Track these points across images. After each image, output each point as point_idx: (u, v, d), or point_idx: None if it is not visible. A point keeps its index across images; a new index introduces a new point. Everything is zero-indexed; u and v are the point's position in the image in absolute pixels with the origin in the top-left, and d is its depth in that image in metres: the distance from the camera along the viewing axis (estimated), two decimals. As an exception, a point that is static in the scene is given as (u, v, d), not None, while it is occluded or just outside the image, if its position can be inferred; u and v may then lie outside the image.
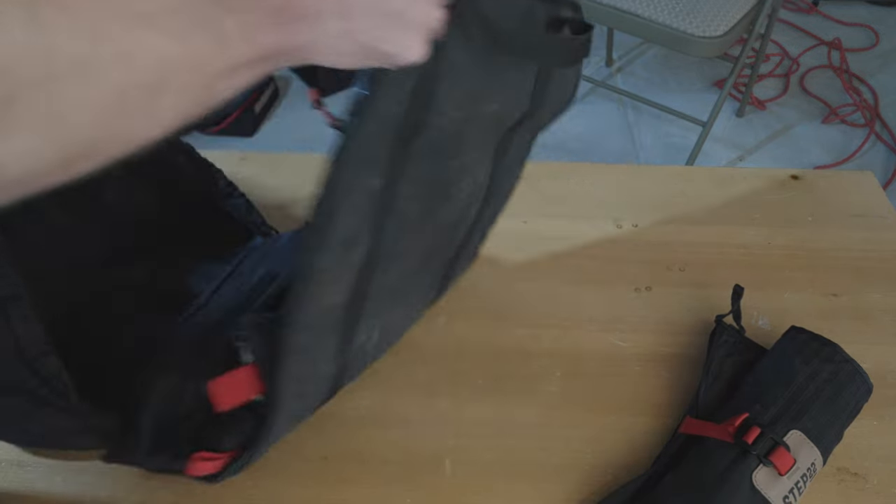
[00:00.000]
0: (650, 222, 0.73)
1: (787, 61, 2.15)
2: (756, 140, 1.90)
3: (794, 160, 1.83)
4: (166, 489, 0.53)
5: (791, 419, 0.52)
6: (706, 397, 0.57)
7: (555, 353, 0.62)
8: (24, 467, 0.54)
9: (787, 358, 0.56)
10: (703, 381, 0.57)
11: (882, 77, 2.09)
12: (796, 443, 0.51)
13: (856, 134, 1.91)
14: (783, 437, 0.51)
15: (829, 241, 0.70)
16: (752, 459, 0.50)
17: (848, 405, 0.54)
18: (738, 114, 1.97)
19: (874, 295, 0.66)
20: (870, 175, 0.79)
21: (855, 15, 2.33)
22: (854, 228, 0.73)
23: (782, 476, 0.50)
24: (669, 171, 0.81)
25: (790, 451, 0.50)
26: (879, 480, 0.53)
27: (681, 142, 1.87)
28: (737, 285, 0.61)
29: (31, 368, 0.43)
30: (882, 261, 0.69)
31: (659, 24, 1.47)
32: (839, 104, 1.99)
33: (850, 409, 0.54)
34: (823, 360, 0.55)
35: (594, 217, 0.74)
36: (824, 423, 0.52)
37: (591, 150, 1.86)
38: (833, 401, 0.53)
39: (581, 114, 1.98)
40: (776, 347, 0.58)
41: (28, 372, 0.43)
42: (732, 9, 1.48)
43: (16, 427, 0.48)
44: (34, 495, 0.53)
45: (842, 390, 0.54)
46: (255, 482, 0.54)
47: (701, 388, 0.57)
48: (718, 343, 0.60)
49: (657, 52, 2.20)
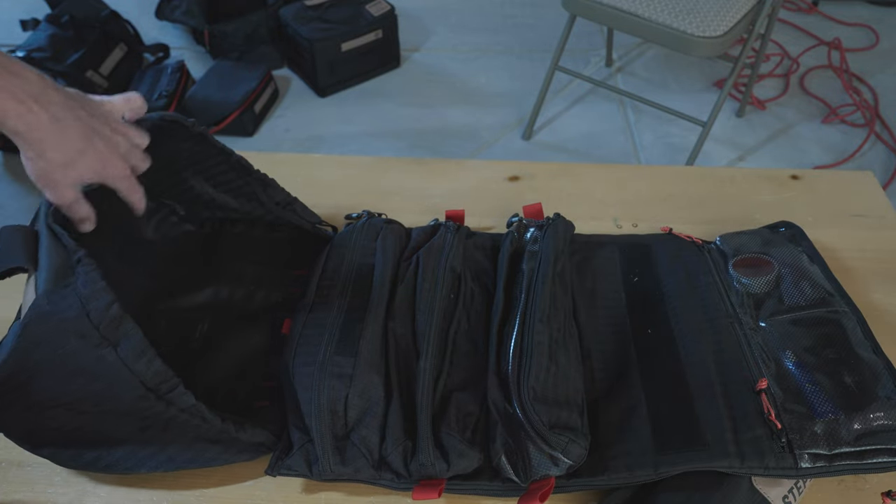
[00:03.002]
0: (650, 222, 0.73)
1: (787, 61, 2.15)
2: (756, 140, 1.90)
3: (794, 160, 1.83)
4: (166, 489, 0.53)
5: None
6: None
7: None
8: (24, 467, 0.54)
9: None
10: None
11: (882, 77, 2.09)
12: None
13: (856, 134, 1.90)
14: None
15: (829, 241, 0.70)
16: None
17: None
18: (738, 114, 1.96)
19: (874, 295, 0.66)
20: (870, 175, 0.79)
21: (855, 15, 2.33)
22: (854, 228, 0.73)
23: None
24: (669, 171, 0.81)
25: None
26: (879, 480, 0.53)
27: (681, 142, 1.87)
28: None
29: (166, 401, 0.46)
30: (882, 261, 0.69)
31: (659, 24, 1.47)
32: (839, 104, 1.99)
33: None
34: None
35: (594, 217, 0.74)
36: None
37: (591, 150, 1.85)
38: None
39: (581, 114, 1.98)
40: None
41: (164, 404, 0.46)
42: (732, 9, 1.48)
43: (163, 456, 0.51)
44: (34, 495, 0.53)
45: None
46: (255, 481, 0.54)
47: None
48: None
49: (657, 52, 2.20)
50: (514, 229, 0.66)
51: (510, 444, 0.51)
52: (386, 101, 2.05)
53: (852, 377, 0.52)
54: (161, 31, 2.25)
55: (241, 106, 1.88)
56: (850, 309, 0.59)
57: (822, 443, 0.49)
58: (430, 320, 0.56)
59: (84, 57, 1.87)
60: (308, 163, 0.82)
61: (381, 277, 0.59)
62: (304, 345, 0.55)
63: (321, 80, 2.01)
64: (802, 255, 0.64)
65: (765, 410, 0.51)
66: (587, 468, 0.51)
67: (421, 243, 0.64)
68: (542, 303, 0.56)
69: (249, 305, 0.65)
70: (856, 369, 0.53)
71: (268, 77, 1.98)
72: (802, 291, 0.59)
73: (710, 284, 0.63)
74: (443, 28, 2.34)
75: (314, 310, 0.59)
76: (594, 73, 2.10)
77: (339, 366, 0.52)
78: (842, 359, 0.54)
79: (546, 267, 0.59)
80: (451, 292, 0.59)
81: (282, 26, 2.04)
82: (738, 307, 0.60)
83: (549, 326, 0.54)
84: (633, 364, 0.58)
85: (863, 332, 0.57)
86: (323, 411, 0.50)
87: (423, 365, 0.54)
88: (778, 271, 0.61)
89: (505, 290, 0.60)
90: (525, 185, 0.79)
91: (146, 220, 0.61)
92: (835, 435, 0.50)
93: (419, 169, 0.81)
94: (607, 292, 0.64)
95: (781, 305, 0.59)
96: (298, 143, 1.91)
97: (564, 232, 0.64)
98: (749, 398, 0.53)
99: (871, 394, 0.51)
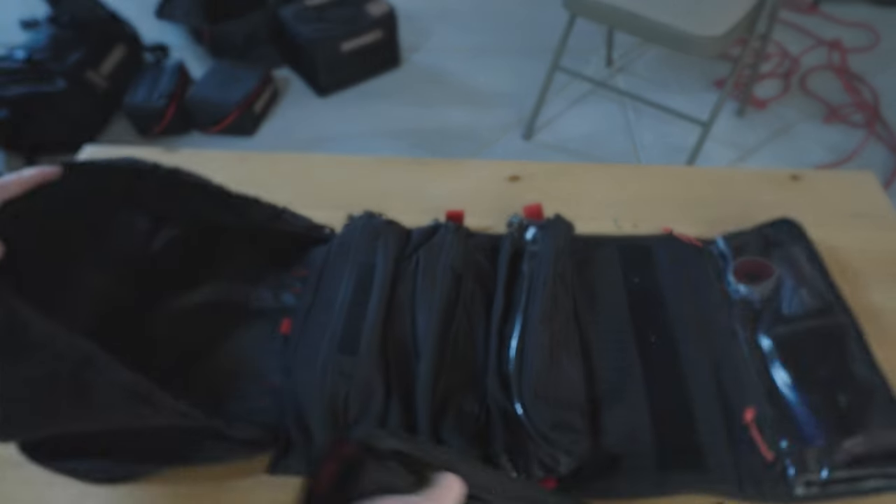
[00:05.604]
0: (650, 222, 0.73)
1: (788, 61, 2.15)
2: (756, 140, 1.90)
3: (795, 160, 1.83)
4: (166, 487, 0.53)
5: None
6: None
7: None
8: (24, 467, 0.54)
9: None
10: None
11: (882, 77, 2.09)
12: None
13: (856, 134, 1.90)
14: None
15: (829, 241, 0.70)
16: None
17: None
18: (738, 114, 1.96)
19: (874, 295, 0.66)
20: (870, 175, 0.79)
21: (855, 15, 2.33)
22: (854, 228, 0.73)
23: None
24: (669, 171, 0.81)
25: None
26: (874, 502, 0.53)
27: (681, 142, 1.87)
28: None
29: (151, 405, 0.45)
30: (882, 261, 0.69)
31: (659, 24, 1.47)
32: (839, 104, 1.99)
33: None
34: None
35: (594, 217, 0.74)
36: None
37: (591, 150, 1.86)
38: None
39: (581, 114, 1.98)
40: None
41: (152, 409, 0.45)
42: (732, 9, 1.48)
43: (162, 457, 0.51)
44: (34, 495, 0.53)
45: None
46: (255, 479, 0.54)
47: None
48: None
49: (657, 52, 2.20)
50: (513, 230, 0.66)
51: (511, 444, 0.51)
52: (386, 101, 2.05)
53: (846, 398, 0.52)
54: (161, 31, 2.25)
55: (241, 106, 1.88)
56: (848, 320, 0.58)
57: (816, 469, 0.50)
58: (430, 320, 0.56)
59: (84, 57, 1.87)
60: (308, 163, 0.82)
61: (381, 277, 0.60)
62: (305, 344, 0.55)
63: (321, 80, 2.01)
64: (802, 256, 0.64)
65: (756, 442, 0.52)
66: (589, 470, 0.51)
67: (421, 243, 0.64)
68: (542, 303, 0.56)
69: (249, 306, 0.65)
70: (850, 389, 0.53)
71: (268, 77, 1.98)
72: (801, 299, 0.59)
73: (711, 293, 0.63)
74: (443, 28, 2.34)
75: (315, 308, 0.59)
76: (594, 73, 2.10)
77: (339, 364, 0.52)
78: (837, 377, 0.54)
79: (546, 267, 0.59)
80: (451, 292, 0.59)
81: (282, 26, 2.04)
82: (738, 320, 0.60)
83: (550, 327, 0.54)
84: (636, 370, 0.58)
85: (859, 346, 0.56)
86: (323, 410, 0.50)
87: (423, 365, 0.54)
88: (778, 276, 0.61)
89: (505, 290, 0.60)
90: (525, 185, 0.79)
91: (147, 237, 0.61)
92: (828, 461, 0.50)
93: (419, 169, 0.81)
94: (608, 293, 0.64)
95: (780, 316, 0.59)
96: (298, 143, 1.91)
97: (564, 232, 0.64)
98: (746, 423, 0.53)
99: (864, 417, 0.51)
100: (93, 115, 1.93)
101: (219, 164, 0.79)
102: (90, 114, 1.92)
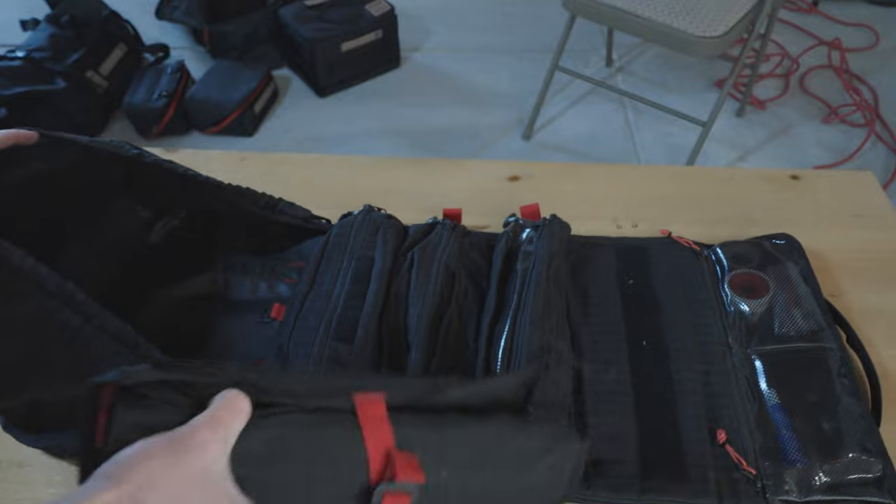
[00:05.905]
0: (650, 222, 0.73)
1: (787, 61, 2.15)
2: (756, 140, 1.90)
3: (794, 160, 1.83)
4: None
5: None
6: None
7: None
8: (23, 467, 0.54)
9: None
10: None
11: (882, 77, 2.09)
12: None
13: (856, 134, 1.90)
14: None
15: (829, 241, 0.70)
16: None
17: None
18: (738, 114, 1.96)
19: (874, 295, 0.66)
20: (870, 175, 0.79)
21: (855, 15, 2.33)
22: (854, 228, 0.73)
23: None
24: (669, 171, 0.81)
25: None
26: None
27: (681, 142, 1.87)
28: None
29: (139, 357, 0.44)
30: (882, 261, 0.69)
31: (659, 24, 1.47)
32: (839, 104, 1.99)
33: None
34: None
35: (594, 217, 0.74)
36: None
37: (591, 150, 1.85)
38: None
39: (581, 114, 1.98)
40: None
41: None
42: (732, 9, 1.48)
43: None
44: (34, 495, 0.53)
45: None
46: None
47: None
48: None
49: (657, 52, 2.20)
50: (509, 229, 0.66)
51: None
52: (386, 101, 2.05)
53: (830, 424, 0.52)
54: (161, 31, 2.25)
55: (241, 106, 1.88)
56: (836, 345, 0.58)
57: (794, 491, 0.50)
58: (421, 314, 0.57)
59: (84, 57, 1.87)
60: (308, 163, 0.82)
61: (379, 270, 0.60)
62: (301, 329, 0.56)
63: (321, 80, 2.01)
64: (798, 275, 0.63)
65: (734, 460, 0.52)
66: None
67: (417, 240, 0.64)
68: (534, 304, 0.56)
69: (243, 296, 0.65)
70: (834, 415, 0.53)
71: (268, 77, 1.98)
72: (794, 321, 0.59)
73: (706, 302, 0.63)
74: (443, 28, 2.34)
75: (312, 296, 0.59)
76: (594, 73, 2.10)
77: (336, 351, 0.53)
78: (822, 403, 0.54)
79: (540, 267, 0.59)
80: (444, 288, 0.59)
81: (282, 26, 2.04)
82: (731, 333, 0.60)
83: (541, 328, 0.55)
84: (626, 375, 0.58)
85: (844, 373, 0.56)
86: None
87: (413, 358, 0.54)
88: (773, 294, 0.61)
89: (498, 289, 0.60)
90: (525, 184, 0.79)
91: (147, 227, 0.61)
92: (806, 484, 0.50)
93: (419, 169, 0.81)
94: (601, 294, 0.64)
95: (771, 335, 0.59)
96: (298, 143, 1.91)
97: (560, 233, 0.64)
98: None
99: (845, 444, 0.51)
100: (92, 115, 1.93)
101: (218, 164, 0.80)
102: (90, 113, 1.91)
